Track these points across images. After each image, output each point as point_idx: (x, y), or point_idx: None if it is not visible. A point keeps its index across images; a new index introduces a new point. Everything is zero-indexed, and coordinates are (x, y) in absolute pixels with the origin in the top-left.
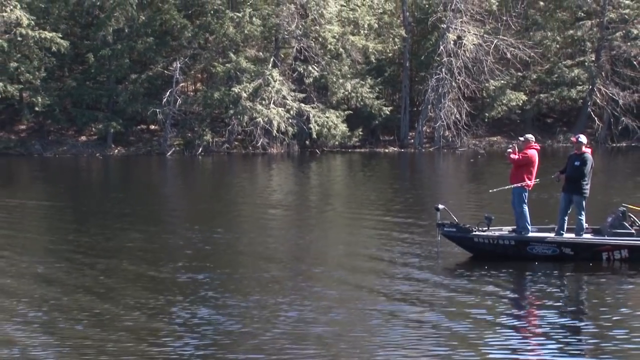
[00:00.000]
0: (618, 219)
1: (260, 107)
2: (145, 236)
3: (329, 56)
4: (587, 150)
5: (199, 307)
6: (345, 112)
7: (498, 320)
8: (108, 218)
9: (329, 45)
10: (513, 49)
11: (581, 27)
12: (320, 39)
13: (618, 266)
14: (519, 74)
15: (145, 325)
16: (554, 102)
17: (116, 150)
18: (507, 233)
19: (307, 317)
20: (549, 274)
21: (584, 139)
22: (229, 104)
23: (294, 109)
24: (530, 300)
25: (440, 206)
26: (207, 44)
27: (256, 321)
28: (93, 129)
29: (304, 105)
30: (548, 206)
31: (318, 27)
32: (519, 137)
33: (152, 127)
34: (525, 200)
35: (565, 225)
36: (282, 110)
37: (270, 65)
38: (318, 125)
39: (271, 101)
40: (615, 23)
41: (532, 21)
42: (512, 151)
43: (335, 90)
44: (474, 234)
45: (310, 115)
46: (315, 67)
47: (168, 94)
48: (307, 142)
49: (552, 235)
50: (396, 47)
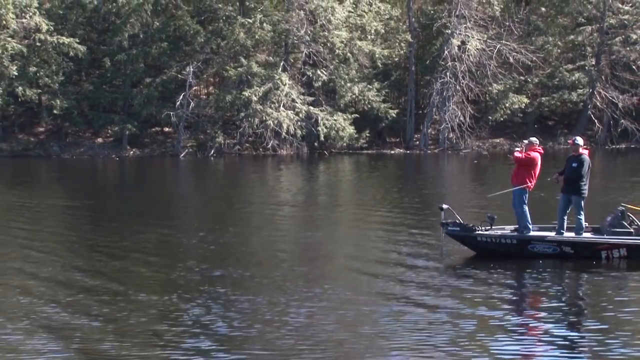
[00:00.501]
0: (617, 219)
1: (270, 110)
2: (159, 234)
3: (337, 61)
4: (585, 152)
5: (211, 305)
6: (353, 115)
7: (503, 318)
8: (123, 217)
9: (337, 50)
10: (515, 54)
11: (582, 33)
12: (328, 44)
13: (617, 264)
14: (521, 77)
15: (157, 323)
16: (555, 105)
17: (131, 152)
18: (510, 232)
19: (317, 316)
20: (550, 272)
21: (580, 141)
22: (240, 107)
23: (303, 111)
24: (533, 298)
25: (444, 206)
26: (219, 49)
27: (267, 319)
28: (109, 131)
29: (312, 108)
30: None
31: (326, 33)
32: (523, 140)
33: (166, 130)
34: (526, 201)
35: (565, 225)
36: (292, 113)
37: (280, 69)
38: (326, 127)
39: (281, 104)
40: (614, 28)
41: (534, 27)
42: (519, 150)
43: (343, 93)
44: (477, 233)
45: (319, 117)
46: (323, 71)
47: (181, 97)
48: (316, 144)
49: (553, 234)
50: (402, 52)
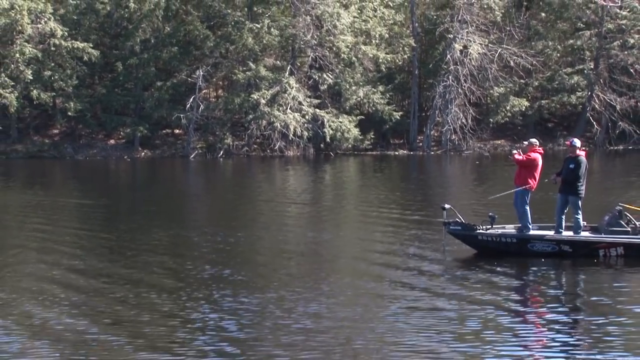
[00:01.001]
0: (615, 218)
1: (277, 112)
2: (170, 233)
3: (342, 64)
4: (582, 153)
5: (221, 302)
6: (358, 117)
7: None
8: (135, 216)
9: (343, 55)
10: (516, 58)
11: (580, 37)
12: (334, 49)
13: (614, 262)
14: (522, 81)
15: (167, 319)
16: (554, 108)
17: (143, 153)
18: (510, 231)
19: (325, 313)
20: (550, 271)
21: (578, 142)
22: (248, 110)
23: (310, 114)
24: (534, 296)
25: (447, 205)
26: (228, 53)
27: (275, 316)
28: (121, 133)
29: (318, 110)
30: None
31: (332, 38)
32: (524, 141)
33: (177, 131)
34: (527, 201)
35: (563, 224)
36: (298, 115)
37: (287, 73)
38: (332, 129)
39: (288, 107)
40: (612, 33)
41: (534, 31)
42: (517, 152)
43: (349, 96)
44: (478, 232)
45: (325, 120)
46: (329, 75)
47: (191, 100)
48: (322, 145)
49: (552, 233)
50: (406, 56)
